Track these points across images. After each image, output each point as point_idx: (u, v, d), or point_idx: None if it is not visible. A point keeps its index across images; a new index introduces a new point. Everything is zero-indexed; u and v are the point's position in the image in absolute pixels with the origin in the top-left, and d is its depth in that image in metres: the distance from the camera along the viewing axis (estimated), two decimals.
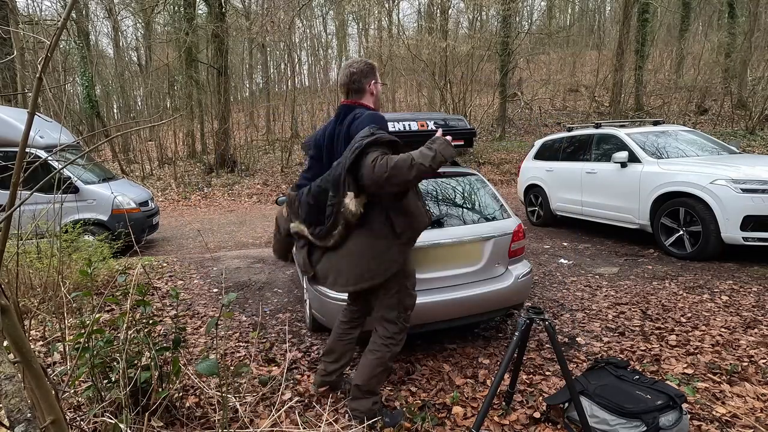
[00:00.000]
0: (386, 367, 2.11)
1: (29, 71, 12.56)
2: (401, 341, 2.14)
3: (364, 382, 2.08)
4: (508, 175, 12.79)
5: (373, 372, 2.07)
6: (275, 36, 16.20)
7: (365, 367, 2.09)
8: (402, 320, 2.12)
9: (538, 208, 7.24)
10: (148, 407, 1.82)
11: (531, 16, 23.80)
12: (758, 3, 14.58)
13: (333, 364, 2.33)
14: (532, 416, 2.20)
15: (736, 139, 11.76)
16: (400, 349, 2.14)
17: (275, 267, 5.24)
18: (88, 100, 15.04)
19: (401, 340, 2.14)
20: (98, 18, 19.88)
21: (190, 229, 8.62)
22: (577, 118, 16.63)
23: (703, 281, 4.08)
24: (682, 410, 1.95)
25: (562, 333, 3.20)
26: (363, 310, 2.31)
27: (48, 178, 1.49)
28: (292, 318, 3.64)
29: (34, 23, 15.11)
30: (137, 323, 1.98)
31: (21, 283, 3.23)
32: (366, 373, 2.08)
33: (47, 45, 1.16)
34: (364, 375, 2.08)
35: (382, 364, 2.08)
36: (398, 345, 2.12)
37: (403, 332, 2.14)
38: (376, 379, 2.09)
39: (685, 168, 4.85)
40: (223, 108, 14.01)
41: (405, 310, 2.13)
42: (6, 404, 0.91)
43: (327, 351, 2.37)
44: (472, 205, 3.01)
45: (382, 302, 2.11)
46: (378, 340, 2.10)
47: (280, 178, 13.40)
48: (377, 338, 2.11)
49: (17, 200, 1.18)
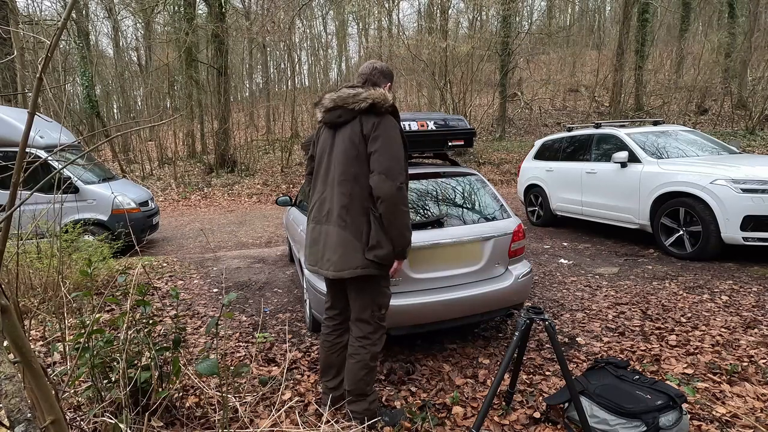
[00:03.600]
0: (369, 368, 2.05)
1: (29, 71, 12.56)
2: (379, 341, 2.07)
3: (352, 387, 2.07)
4: (508, 175, 12.79)
5: (357, 376, 2.05)
6: (275, 36, 16.20)
7: (349, 372, 2.08)
8: (376, 319, 2.05)
9: (538, 208, 7.24)
10: (148, 407, 1.82)
11: (531, 16, 23.81)
12: (758, 3, 14.59)
13: (334, 380, 2.24)
14: (532, 416, 2.20)
15: (736, 139, 11.76)
16: (379, 348, 2.07)
17: (275, 267, 5.25)
18: (88, 100, 15.04)
19: (378, 340, 2.07)
20: (98, 18, 19.91)
21: (190, 229, 8.62)
22: (577, 118, 16.63)
23: (703, 281, 4.08)
24: (682, 410, 1.95)
25: (562, 333, 3.20)
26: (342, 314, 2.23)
27: (48, 178, 1.49)
28: (292, 318, 3.64)
29: (34, 23, 15.12)
30: (137, 323, 1.98)
31: (21, 283, 3.23)
32: (351, 378, 2.07)
33: (47, 45, 1.16)
34: (350, 380, 2.08)
35: (365, 366, 2.03)
36: (376, 345, 2.05)
37: (379, 332, 2.07)
38: (363, 382, 2.06)
39: (685, 168, 4.85)
40: (223, 108, 14.01)
41: (379, 309, 2.06)
42: (6, 404, 0.91)
43: (323, 370, 2.26)
44: (472, 205, 3.01)
45: (354, 302, 2.06)
46: (354, 343, 2.06)
47: (280, 178, 13.40)
48: (353, 340, 2.07)
49: (17, 200, 1.18)
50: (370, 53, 18.29)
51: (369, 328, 2.04)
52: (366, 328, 2.04)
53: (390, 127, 1.92)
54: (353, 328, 2.09)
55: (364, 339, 2.04)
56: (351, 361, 2.07)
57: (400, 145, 1.93)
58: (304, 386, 2.53)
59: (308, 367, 2.79)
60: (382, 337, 2.09)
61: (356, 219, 1.93)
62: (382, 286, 2.05)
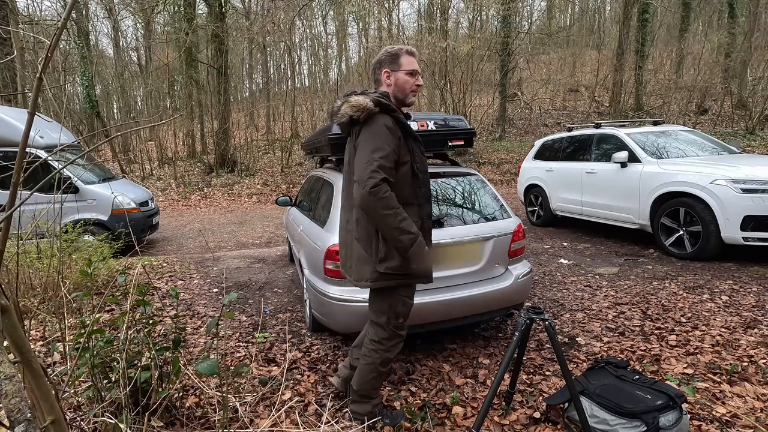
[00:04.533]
0: (378, 373, 2.03)
1: (29, 71, 12.57)
2: (392, 348, 2.01)
3: (359, 387, 2.07)
4: (508, 175, 12.79)
5: (365, 378, 2.04)
6: (275, 36, 16.20)
7: (359, 372, 2.07)
8: (392, 327, 1.99)
9: (538, 208, 7.24)
10: (148, 407, 1.82)
11: (531, 16, 23.81)
12: (758, 3, 14.59)
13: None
14: (532, 416, 2.20)
15: (736, 139, 11.76)
16: (392, 355, 2.02)
17: (275, 267, 5.25)
18: (88, 100, 15.04)
19: (392, 347, 2.01)
20: (98, 18, 19.91)
21: (190, 229, 8.62)
22: (577, 118, 16.63)
23: (703, 281, 4.08)
24: (682, 410, 1.95)
25: (562, 333, 3.20)
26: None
27: (48, 178, 1.49)
28: (292, 318, 3.64)
29: (34, 23, 15.12)
30: (137, 323, 1.99)
31: (21, 283, 3.23)
32: (359, 379, 2.07)
33: (47, 45, 1.16)
34: (358, 380, 2.07)
35: (374, 370, 2.01)
36: (389, 352, 2.00)
37: (394, 339, 2.00)
38: (369, 385, 2.05)
39: (685, 168, 4.85)
40: (223, 108, 14.02)
41: (396, 318, 1.98)
42: (6, 404, 0.91)
43: (357, 344, 2.29)
44: (472, 205, 3.01)
45: (372, 306, 2.04)
46: (368, 345, 2.03)
47: (280, 178, 13.40)
48: (368, 342, 2.04)
49: (17, 200, 1.18)
50: (370, 53, 18.27)
51: (384, 334, 2.00)
52: (381, 333, 2.00)
53: (368, 132, 1.82)
54: (369, 329, 2.06)
55: (378, 343, 2.01)
56: (362, 362, 2.06)
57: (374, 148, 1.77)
58: (304, 386, 2.53)
59: (308, 367, 2.79)
60: (397, 345, 2.04)
61: (368, 232, 1.90)
62: (401, 295, 1.97)
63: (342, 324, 2.73)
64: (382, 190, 1.72)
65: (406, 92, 1.95)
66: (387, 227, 1.77)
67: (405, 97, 1.96)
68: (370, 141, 1.80)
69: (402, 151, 1.85)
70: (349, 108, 1.84)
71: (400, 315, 1.99)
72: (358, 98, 1.84)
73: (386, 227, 1.77)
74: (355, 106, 1.82)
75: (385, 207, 1.73)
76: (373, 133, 1.81)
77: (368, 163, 1.75)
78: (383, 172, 1.74)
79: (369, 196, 1.71)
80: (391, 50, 1.96)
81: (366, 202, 1.73)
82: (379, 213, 1.74)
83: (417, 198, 1.93)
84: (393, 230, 1.76)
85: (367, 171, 1.74)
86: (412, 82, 1.94)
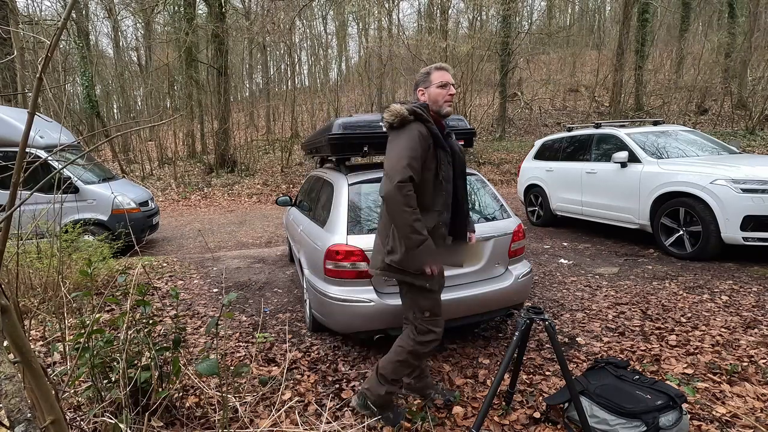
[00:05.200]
0: (406, 362, 2.07)
1: (29, 71, 12.57)
2: (425, 343, 2.04)
3: (383, 366, 2.13)
4: (508, 175, 12.79)
5: (392, 359, 2.10)
6: (275, 36, 16.20)
7: (390, 352, 2.13)
8: (420, 322, 2.04)
9: (538, 208, 7.24)
10: (148, 407, 1.82)
11: (531, 16, 23.79)
12: (758, 3, 14.59)
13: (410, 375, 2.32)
14: (532, 416, 2.20)
15: (736, 139, 11.76)
16: (425, 350, 2.05)
17: (275, 267, 5.25)
18: (88, 100, 15.05)
19: (425, 342, 2.04)
20: (98, 18, 19.89)
21: (190, 229, 8.62)
22: (577, 118, 16.64)
23: (703, 281, 4.08)
24: (682, 410, 1.95)
25: (562, 333, 3.20)
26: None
27: (48, 178, 1.49)
28: (292, 318, 3.64)
29: (34, 23, 15.12)
30: (137, 323, 1.99)
31: (21, 283, 3.23)
32: (386, 358, 2.13)
33: (47, 45, 1.16)
34: (385, 359, 2.14)
35: (402, 354, 2.07)
36: (421, 345, 2.04)
37: (424, 335, 2.04)
38: (392, 366, 2.09)
39: (685, 168, 4.85)
40: (223, 108, 14.02)
41: (422, 312, 2.04)
42: (6, 404, 0.91)
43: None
44: (472, 205, 3.01)
45: (401, 298, 2.14)
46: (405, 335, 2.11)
47: (280, 178, 13.40)
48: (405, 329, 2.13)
49: (17, 200, 1.18)
50: (370, 53, 18.28)
51: (416, 330, 2.07)
52: (413, 329, 2.08)
53: (401, 135, 1.95)
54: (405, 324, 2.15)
55: (411, 335, 2.08)
56: (396, 343, 2.13)
57: (406, 147, 1.91)
58: (304, 386, 2.53)
59: (308, 367, 2.79)
60: (431, 341, 2.06)
61: (385, 224, 2.05)
62: (421, 289, 2.03)
63: (342, 324, 2.73)
64: (407, 186, 1.85)
65: (440, 103, 2.05)
66: (402, 223, 1.87)
67: (439, 108, 2.06)
68: (402, 142, 1.94)
69: (429, 158, 1.97)
70: (388, 114, 2.00)
71: (424, 309, 2.06)
72: (395, 106, 1.99)
73: (401, 222, 1.87)
74: (392, 113, 1.98)
75: (405, 203, 1.85)
76: (406, 137, 1.94)
77: (399, 160, 1.88)
78: (411, 170, 1.88)
79: (395, 189, 1.83)
80: (424, 70, 2.12)
81: (391, 194, 1.85)
82: (399, 207, 1.85)
83: (437, 205, 2.03)
84: (406, 227, 1.86)
85: (399, 166, 1.86)
86: (444, 93, 2.04)
